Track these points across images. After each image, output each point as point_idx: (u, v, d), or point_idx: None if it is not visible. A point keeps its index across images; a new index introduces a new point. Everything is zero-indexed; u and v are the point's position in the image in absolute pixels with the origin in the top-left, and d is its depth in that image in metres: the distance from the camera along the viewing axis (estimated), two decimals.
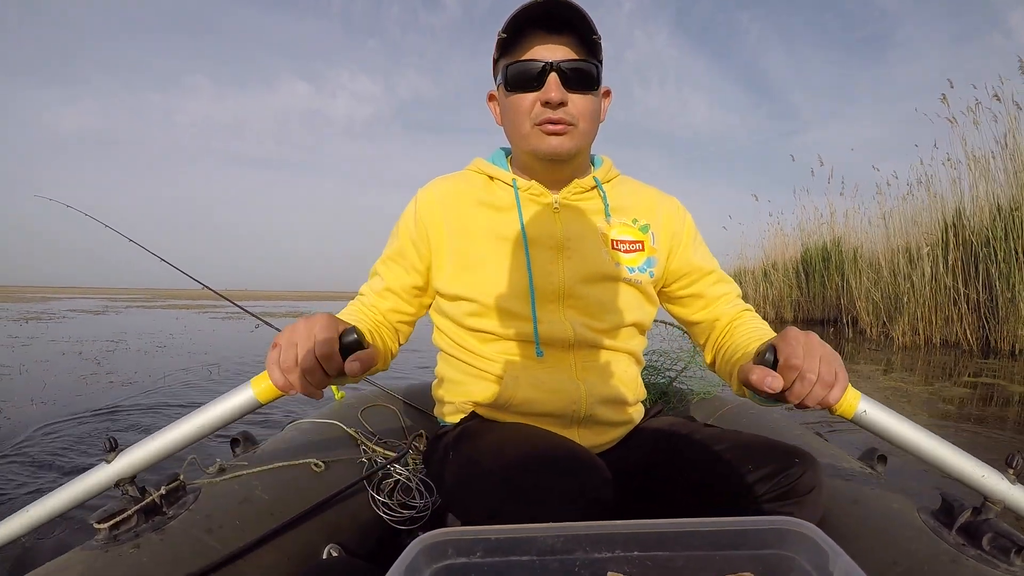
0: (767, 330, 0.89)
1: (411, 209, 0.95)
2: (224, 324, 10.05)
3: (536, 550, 0.40)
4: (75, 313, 12.65)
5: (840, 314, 8.30)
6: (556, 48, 0.84)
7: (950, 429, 2.71)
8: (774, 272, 10.33)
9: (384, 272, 0.96)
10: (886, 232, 7.29)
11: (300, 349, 0.62)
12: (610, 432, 0.94)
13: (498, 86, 0.91)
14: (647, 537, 0.42)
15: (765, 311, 10.92)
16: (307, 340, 0.62)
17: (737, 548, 0.43)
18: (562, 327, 0.88)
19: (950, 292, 6.08)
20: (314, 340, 0.62)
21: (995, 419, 2.93)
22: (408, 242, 0.94)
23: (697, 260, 0.99)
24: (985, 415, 3.02)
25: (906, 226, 6.96)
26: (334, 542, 0.90)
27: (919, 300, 6.42)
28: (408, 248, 0.94)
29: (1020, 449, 0.77)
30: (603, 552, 0.41)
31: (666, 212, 0.98)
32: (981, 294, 5.80)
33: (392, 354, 0.95)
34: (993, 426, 2.78)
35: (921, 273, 6.35)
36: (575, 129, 0.86)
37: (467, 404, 0.92)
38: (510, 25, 0.83)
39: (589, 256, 0.90)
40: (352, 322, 0.76)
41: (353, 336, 0.65)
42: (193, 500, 0.83)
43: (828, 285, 8.68)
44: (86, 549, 0.71)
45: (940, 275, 6.18)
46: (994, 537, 0.72)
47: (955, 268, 6.05)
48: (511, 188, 0.93)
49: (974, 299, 5.86)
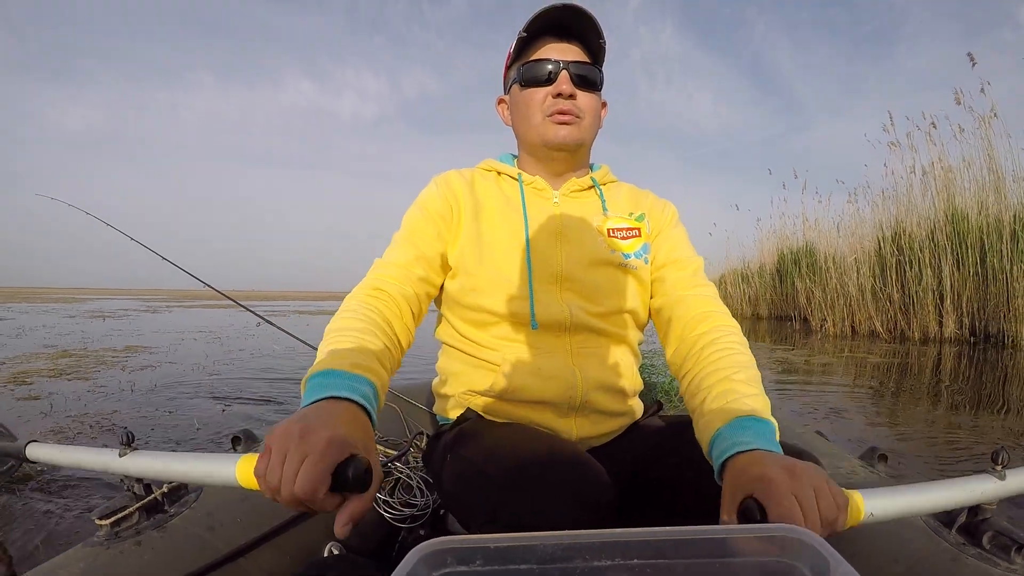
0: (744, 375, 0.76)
1: (433, 188, 0.98)
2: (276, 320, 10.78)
3: (536, 559, 0.40)
4: (131, 312, 13.62)
5: (798, 311, 9.92)
6: (567, 50, 0.93)
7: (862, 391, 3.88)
8: (751, 275, 12.10)
9: (411, 242, 0.92)
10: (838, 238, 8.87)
11: (283, 478, 0.52)
12: (608, 423, 0.94)
13: (511, 85, 0.99)
14: (647, 545, 0.42)
15: (743, 309, 12.62)
16: (291, 469, 0.52)
17: (737, 556, 0.43)
18: (559, 308, 0.90)
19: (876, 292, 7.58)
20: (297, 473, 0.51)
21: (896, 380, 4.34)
22: (436, 214, 0.94)
23: (668, 247, 0.97)
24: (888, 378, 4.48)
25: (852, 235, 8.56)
26: (335, 540, 0.90)
27: (846, 298, 8.08)
28: (436, 219, 0.94)
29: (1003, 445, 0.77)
30: (603, 560, 0.41)
31: (661, 211, 1.03)
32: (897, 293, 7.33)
33: (402, 352, 0.85)
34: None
35: (853, 276, 7.93)
36: (581, 121, 0.94)
37: (467, 396, 0.93)
38: (529, 27, 0.92)
39: (586, 243, 0.94)
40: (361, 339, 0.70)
41: (351, 472, 0.52)
42: (195, 498, 0.84)
43: (798, 287, 9.88)
44: (88, 545, 0.72)
45: (865, 278, 7.70)
46: (994, 535, 0.73)
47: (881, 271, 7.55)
48: (516, 182, 1.00)
49: (896, 297, 7.35)
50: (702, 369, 0.79)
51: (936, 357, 5.56)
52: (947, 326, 6.77)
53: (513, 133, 1.04)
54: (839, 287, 8.32)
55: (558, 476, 0.71)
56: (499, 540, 0.40)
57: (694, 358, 0.82)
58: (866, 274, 7.67)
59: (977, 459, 2.13)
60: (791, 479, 0.57)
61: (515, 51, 0.96)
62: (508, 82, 1.01)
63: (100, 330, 8.41)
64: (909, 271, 7.10)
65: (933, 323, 6.91)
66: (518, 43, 0.95)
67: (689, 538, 0.42)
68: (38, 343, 6.41)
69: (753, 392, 0.73)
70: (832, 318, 8.49)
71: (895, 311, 7.35)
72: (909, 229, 7.27)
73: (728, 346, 0.81)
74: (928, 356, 5.64)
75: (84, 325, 9.24)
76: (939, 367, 4.92)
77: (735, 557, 0.43)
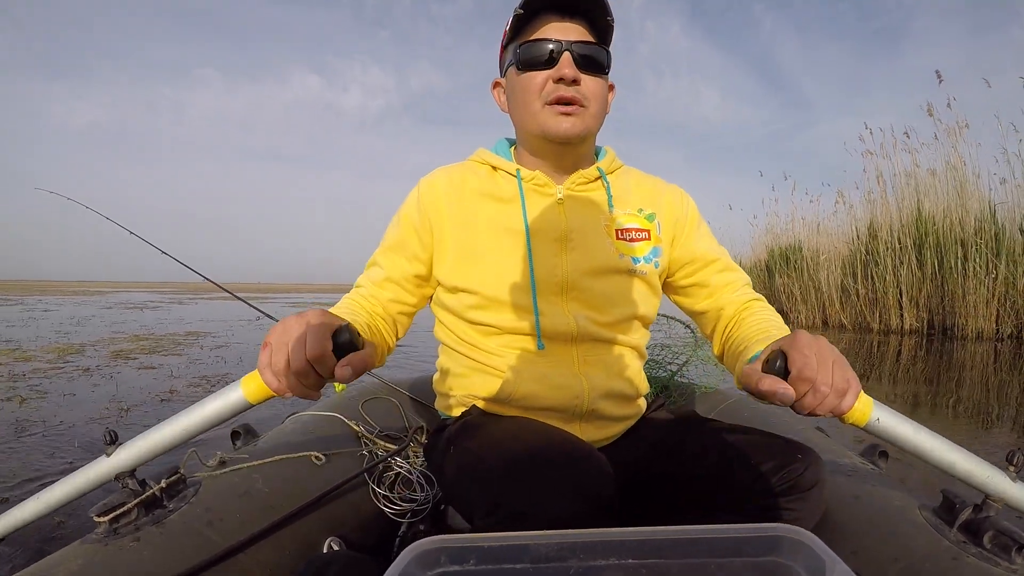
0: (777, 322, 0.85)
1: (414, 197, 0.93)
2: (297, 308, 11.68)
3: (531, 558, 0.40)
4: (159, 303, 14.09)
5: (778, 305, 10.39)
6: (569, 29, 0.84)
7: None
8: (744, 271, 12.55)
9: (384, 261, 0.94)
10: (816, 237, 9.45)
11: (291, 350, 0.58)
12: (613, 427, 0.93)
13: (507, 68, 0.91)
14: (643, 544, 0.41)
15: None
16: (299, 341, 0.59)
17: (734, 555, 0.43)
18: (565, 320, 0.87)
19: (846, 287, 8.44)
20: (305, 341, 0.59)
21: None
22: (411, 230, 0.92)
23: (701, 248, 0.97)
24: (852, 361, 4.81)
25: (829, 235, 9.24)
26: (335, 535, 0.90)
27: (819, 293, 9.01)
28: (411, 237, 0.92)
29: (1020, 446, 0.77)
30: (598, 560, 0.41)
31: (669, 200, 0.97)
32: (864, 289, 8.14)
33: (389, 349, 0.92)
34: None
35: (825, 273, 8.83)
36: (586, 111, 0.86)
37: (469, 398, 0.92)
38: (527, 3, 0.83)
39: (593, 248, 0.89)
40: (347, 317, 0.73)
41: (347, 336, 0.61)
42: (193, 493, 0.83)
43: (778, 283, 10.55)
44: (86, 542, 0.71)
45: (836, 275, 8.60)
46: (995, 535, 0.72)
47: (852, 269, 8.32)
48: (514, 179, 0.92)
49: (863, 293, 8.16)
50: (742, 330, 0.86)
51: (897, 347, 6.19)
52: (907, 320, 7.59)
53: (510, 120, 0.95)
54: (812, 283, 9.22)
55: (559, 468, 0.71)
56: (493, 539, 0.40)
57: (736, 325, 0.89)
58: (837, 271, 8.63)
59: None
60: (816, 343, 0.62)
61: (512, 30, 0.87)
62: (504, 64, 0.92)
63: (147, 319, 9.05)
64: (875, 269, 7.91)
65: (895, 317, 7.73)
66: (514, 21, 0.85)
67: (685, 537, 0.42)
68: (104, 330, 6.97)
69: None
70: (806, 311, 9.49)
71: (862, 305, 8.24)
72: (879, 232, 8.01)
73: (770, 314, 0.88)
74: (890, 346, 6.29)
75: (128, 315, 9.88)
76: (899, 356, 5.52)
77: (732, 557, 0.43)
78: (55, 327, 7.27)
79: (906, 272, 7.47)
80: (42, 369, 4.11)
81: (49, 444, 2.30)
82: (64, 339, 5.95)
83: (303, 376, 0.59)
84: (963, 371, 4.46)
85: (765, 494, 0.76)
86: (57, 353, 4.88)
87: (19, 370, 4.04)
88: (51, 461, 2.08)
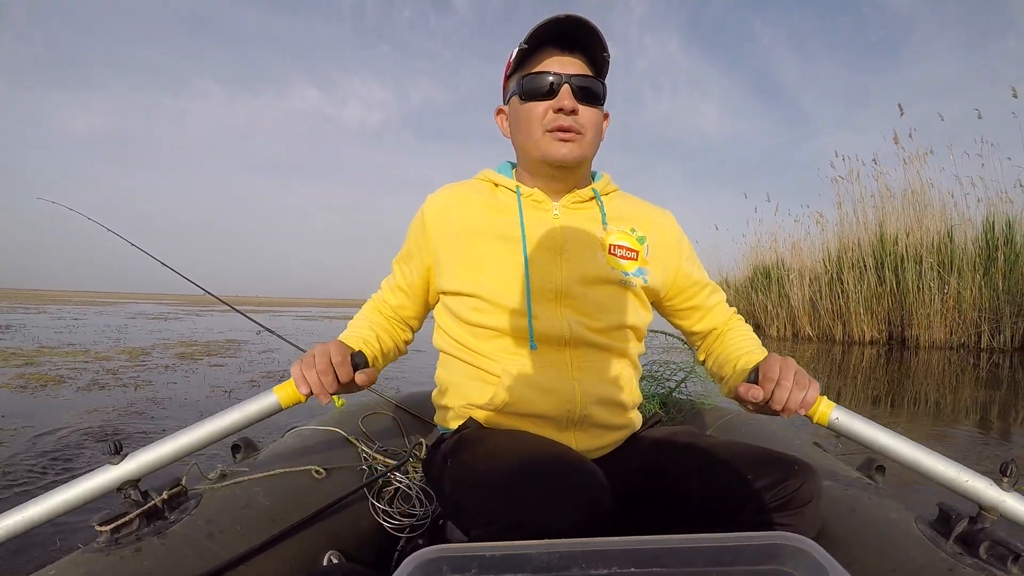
0: (750, 338, 1.02)
1: (419, 213, 1.01)
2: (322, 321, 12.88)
3: (531, 567, 0.41)
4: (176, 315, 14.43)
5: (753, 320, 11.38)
6: (568, 63, 0.91)
7: None
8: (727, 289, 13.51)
9: (396, 270, 1.06)
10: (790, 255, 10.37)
11: (318, 356, 0.80)
12: (607, 436, 0.94)
13: (510, 97, 0.97)
14: (643, 554, 0.42)
15: None
16: (323, 351, 0.81)
17: (734, 564, 0.44)
18: (559, 324, 0.90)
19: (815, 302, 9.35)
20: (329, 351, 0.81)
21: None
22: (415, 245, 1.01)
23: (695, 275, 1.06)
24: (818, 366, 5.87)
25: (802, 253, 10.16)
26: (334, 549, 0.90)
27: (790, 308, 9.95)
28: (414, 251, 1.01)
29: (1013, 458, 0.78)
30: (599, 569, 0.41)
31: (661, 227, 1.03)
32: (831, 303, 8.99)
33: (399, 350, 1.07)
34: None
35: (797, 290, 9.73)
36: (583, 138, 0.92)
37: (466, 408, 0.93)
38: (531, 38, 0.90)
39: (586, 259, 0.94)
40: (360, 342, 0.94)
41: (361, 357, 0.83)
42: (195, 505, 0.84)
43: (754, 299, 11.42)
44: (87, 552, 0.71)
45: (806, 291, 9.49)
46: (991, 545, 0.73)
47: (819, 285, 9.21)
48: (514, 194, 0.98)
49: (830, 307, 9.03)
50: (725, 347, 1.02)
51: (860, 356, 6.93)
52: (868, 332, 8.41)
53: (512, 144, 1.02)
54: (784, 299, 10.16)
55: (556, 482, 0.71)
56: (494, 548, 0.40)
57: (719, 341, 1.05)
58: (807, 288, 9.57)
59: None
60: (781, 359, 0.82)
61: (516, 62, 0.94)
62: (507, 93, 0.99)
63: (179, 328, 9.53)
64: (840, 286, 8.80)
65: (857, 329, 8.55)
66: (519, 54, 0.93)
67: (686, 546, 0.43)
68: (149, 337, 7.59)
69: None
70: (777, 325, 10.41)
71: (828, 319, 9.14)
72: (845, 252, 8.82)
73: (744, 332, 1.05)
74: (854, 355, 6.98)
75: (158, 325, 10.44)
76: (861, 363, 6.16)
77: (733, 565, 0.44)
78: (100, 334, 7.86)
79: (866, 288, 8.31)
80: (127, 366, 4.70)
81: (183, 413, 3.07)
82: (119, 344, 6.56)
83: (325, 374, 0.79)
84: (918, 378, 4.94)
85: (762, 509, 0.76)
86: (129, 355, 5.51)
87: (108, 367, 4.62)
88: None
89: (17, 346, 5.96)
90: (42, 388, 3.70)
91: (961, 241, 7.48)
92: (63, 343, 6.46)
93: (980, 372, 5.25)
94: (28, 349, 5.78)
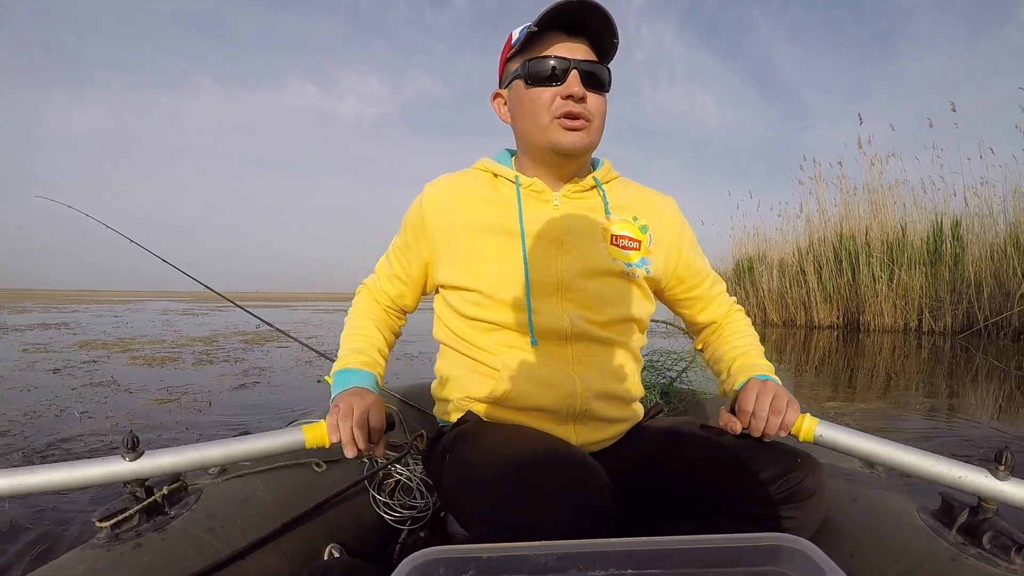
0: (746, 335, 1.03)
1: (417, 204, 0.98)
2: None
3: (529, 568, 0.40)
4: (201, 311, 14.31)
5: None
6: (576, 48, 0.88)
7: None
8: None
9: (394, 260, 1.04)
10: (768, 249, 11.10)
11: (357, 410, 0.82)
12: (608, 429, 0.94)
13: (510, 81, 0.93)
14: (641, 555, 0.42)
15: None
16: (363, 408, 0.83)
17: (733, 565, 0.43)
18: (559, 319, 0.88)
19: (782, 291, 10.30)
20: (369, 411, 0.83)
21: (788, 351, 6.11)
22: (413, 237, 0.99)
23: (697, 265, 1.04)
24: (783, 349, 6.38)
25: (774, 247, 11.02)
26: (335, 542, 0.90)
27: (759, 297, 10.84)
28: (412, 241, 0.99)
29: (1007, 444, 0.77)
30: (596, 570, 0.41)
31: (665, 217, 1.00)
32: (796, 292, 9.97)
33: (396, 334, 1.10)
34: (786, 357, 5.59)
35: (767, 280, 10.66)
36: (591, 125, 0.90)
37: (466, 401, 0.93)
38: (541, 21, 0.87)
39: (587, 251, 0.91)
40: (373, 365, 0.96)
41: (393, 419, 0.88)
42: (195, 500, 0.83)
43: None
44: (88, 548, 0.71)
45: (775, 281, 10.44)
46: (994, 536, 0.72)
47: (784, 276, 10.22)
48: (513, 184, 0.95)
49: (794, 295, 10.01)
50: (720, 343, 1.04)
51: (820, 338, 7.76)
52: (827, 318, 9.43)
53: (512, 130, 0.98)
54: (755, 288, 11.00)
55: (556, 480, 0.71)
56: (492, 550, 0.40)
57: (716, 334, 1.07)
58: (775, 279, 10.52)
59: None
60: (760, 385, 0.84)
61: (520, 44, 0.90)
62: (508, 76, 0.95)
63: (216, 321, 9.77)
64: (803, 277, 9.79)
65: (817, 315, 9.58)
66: (527, 37, 0.89)
67: (684, 547, 0.42)
68: (200, 328, 7.99)
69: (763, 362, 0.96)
70: (748, 310, 10.09)
71: (793, 306, 10.12)
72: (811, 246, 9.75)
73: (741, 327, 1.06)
74: (815, 338, 7.82)
75: (195, 319, 10.59)
76: (819, 344, 6.91)
77: (731, 566, 0.43)
78: (153, 327, 8.24)
79: (826, 278, 9.31)
80: (208, 351, 5.09)
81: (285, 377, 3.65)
82: (181, 334, 6.92)
83: (360, 428, 0.81)
84: (870, 357, 5.56)
85: (765, 501, 0.76)
86: (203, 342, 5.93)
87: (197, 350, 5.06)
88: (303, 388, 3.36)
89: (97, 338, 6.18)
90: (161, 366, 4.14)
91: (911, 237, 8.48)
92: (134, 335, 6.81)
93: (923, 352, 6.01)
94: (109, 339, 6.08)
